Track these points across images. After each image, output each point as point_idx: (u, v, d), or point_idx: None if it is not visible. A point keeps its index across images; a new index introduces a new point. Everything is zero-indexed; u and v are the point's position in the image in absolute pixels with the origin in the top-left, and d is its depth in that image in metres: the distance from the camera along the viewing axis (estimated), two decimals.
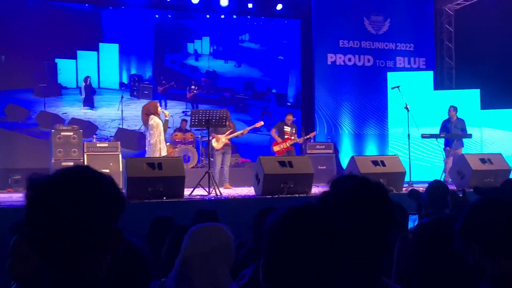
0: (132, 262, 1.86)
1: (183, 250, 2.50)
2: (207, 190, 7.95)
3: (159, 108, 9.16)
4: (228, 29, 14.15)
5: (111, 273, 1.49)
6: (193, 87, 14.11)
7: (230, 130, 9.88)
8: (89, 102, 13.21)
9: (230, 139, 10.04)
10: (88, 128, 12.41)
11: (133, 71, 13.77)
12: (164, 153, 8.99)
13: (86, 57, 13.23)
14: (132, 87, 13.65)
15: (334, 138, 13.73)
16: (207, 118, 8.05)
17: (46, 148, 11.06)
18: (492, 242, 1.80)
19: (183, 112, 13.62)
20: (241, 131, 10.10)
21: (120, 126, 12.80)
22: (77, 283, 1.31)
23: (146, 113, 8.94)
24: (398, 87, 10.08)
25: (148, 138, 8.98)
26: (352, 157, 8.50)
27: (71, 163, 10.31)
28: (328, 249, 1.42)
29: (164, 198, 7.21)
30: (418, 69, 14.48)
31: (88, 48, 13.22)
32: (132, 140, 12.69)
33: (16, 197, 8.72)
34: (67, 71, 12.94)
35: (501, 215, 1.84)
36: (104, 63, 13.40)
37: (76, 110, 12.93)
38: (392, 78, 13.34)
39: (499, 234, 1.80)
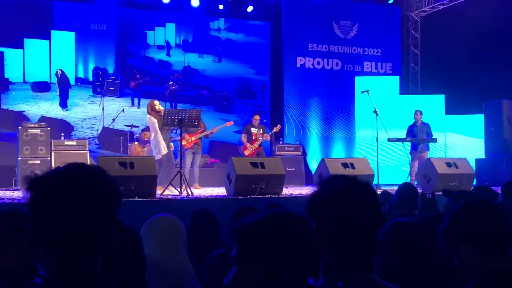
0: (129, 247, 1.90)
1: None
2: (179, 190, 7.94)
3: (157, 105, 8.92)
4: (200, 24, 14.15)
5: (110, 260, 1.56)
6: (171, 82, 13.93)
7: (200, 130, 9.91)
8: (64, 100, 12.99)
9: (199, 139, 10.07)
10: (60, 128, 12.16)
11: (92, 64, 13.39)
12: (164, 151, 8.81)
13: (35, 47, 12.80)
14: (94, 82, 13.32)
15: (302, 140, 13.87)
16: (180, 117, 8.05)
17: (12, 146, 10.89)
18: (479, 241, 1.90)
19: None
20: (210, 131, 10.13)
21: (99, 127, 12.71)
22: (80, 274, 1.36)
23: (148, 113, 8.88)
24: (367, 91, 10.27)
25: (151, 138, 8.90)
26: (322, 159, 8.63)
27: (38, 161, 10.18)
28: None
29: (136, 197, 7.18)
30: (385, 74, 14.77)
31: (38, 36, 12.73)
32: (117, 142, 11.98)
33: None
34: (13, 62, 12.53)
35: (486, 215, 1.95)
36: (57, 53, 13.12)
37: (34, 108, 12.72)
38: (360, 82, 13.57)
39: (485, 234, 1.90)
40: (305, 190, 9.49)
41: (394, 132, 11.90)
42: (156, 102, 9.04)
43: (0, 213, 2.30)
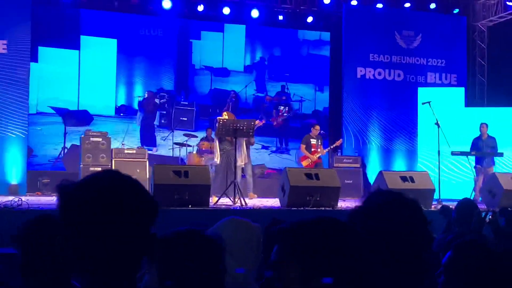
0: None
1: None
2: (232, 199, 7.92)
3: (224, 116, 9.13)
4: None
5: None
6: (282, 108, 14.11)
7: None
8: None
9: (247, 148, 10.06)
10: None
11: (140, 86, 13.80)
12: (217, 160, 9.01)
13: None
14: (154, 108, 13.77)
15: (362, 152, 13.60)
16: (234, 127, 8.04)
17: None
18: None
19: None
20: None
21: None
22: None
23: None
24: (429, 102, 9.95)
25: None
26: (380, 172, 8.40)
27: (99, 169, 10.39)
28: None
29: (190, 206, 7.21)
30: (449, 85, 14.29)
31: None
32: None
33: (44, 200, 8.83)
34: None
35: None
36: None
37: None
38: (423, 93, 13.18)
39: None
40: None
41: (458, 145, 11.46)
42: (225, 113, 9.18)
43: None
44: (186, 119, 13.58)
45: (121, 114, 13.43)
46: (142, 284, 1.56)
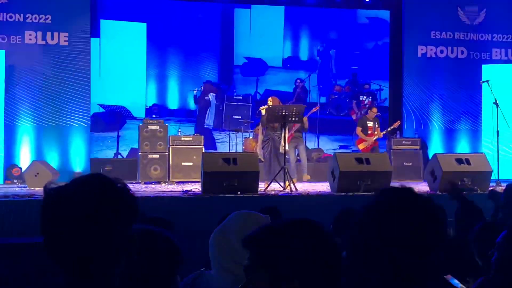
0: (159, 252, 1.85)
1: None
2: (282, 185, 7.92)
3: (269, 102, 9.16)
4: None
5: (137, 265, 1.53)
6: (363, 98, 13.88)
7: (294, 124, 9.72)
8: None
9: (297, 131, 9.98)
10: None
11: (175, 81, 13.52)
12: (258, 150, 9.11)
13: None
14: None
15: (423, 133, 13.22)
16: (283, 113, 8.01)
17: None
18: None
19: None
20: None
21: None
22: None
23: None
24: (487, 81, 9.53)
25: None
26: (435, 155, 8.16)
27: (157, 156, 10.67)
28: None
29: (239, 192, 7.28)
30: None
31: None
32: None
33: None
34: None
35: None
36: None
37: None
38: (488, 70, 12.62)
39: None
40: (421, 186, 9.03)
41: None
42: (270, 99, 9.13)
43: None
44: (240, 117, 12.72)
45: (153, 116, 12.79)
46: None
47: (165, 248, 1.86)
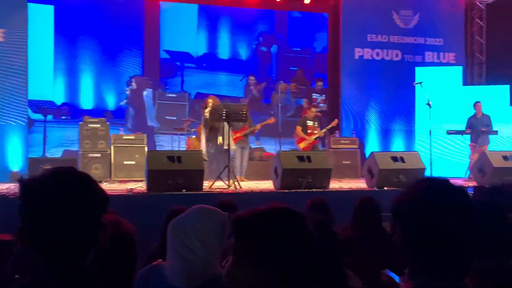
0: (120, 240, 1.95)
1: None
2: (227, 183, 8.05)
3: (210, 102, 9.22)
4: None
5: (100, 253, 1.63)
6: (316, 96, 13.81)
7: (245, 126, 9.97)
8: None
9: (246, 135, 10.16)
10: None
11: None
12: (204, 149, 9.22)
13: None
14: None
15: (361, 133, 13.67)
16: (227, 113, 8.15)
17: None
18: None
19: None
20: (253, 128, 10.20)
21: None
22: (68, 274, 1.44)
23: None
24: (420, 83, 10.01)
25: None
26: (372, 153, 8.52)
27: (98, 155, 10.56)
28: None
29: (184, 190, 7.35)
30: (448, 64, 14.28)
31: None
32: None
33: None
34: None
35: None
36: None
37: None
38: (420, 73, 13.20)
39: None
40: (359, 184, 9.38)
41: (457, 124, 11.53)
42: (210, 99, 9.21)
43: None
44: (175, 118, 12.33)
45: (63, 118, 12.21)
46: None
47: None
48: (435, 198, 1.56)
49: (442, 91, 12.64)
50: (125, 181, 10.14)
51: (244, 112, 8.26)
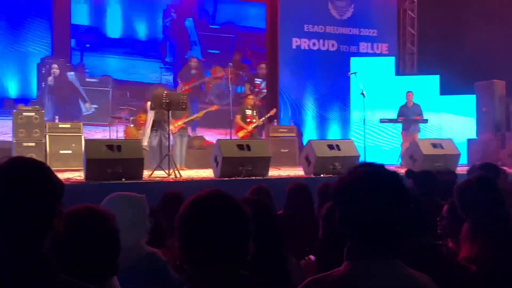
0: (100, 229, 2.00)
1: None
2: (167, 172, 8.09)
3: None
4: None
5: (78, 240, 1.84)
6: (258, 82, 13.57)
7: (185, 114, 10.05)
8: None
9: (186, 123, 10.23)
10: None
11: None
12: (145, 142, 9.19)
13: None
14: None
15: (298, 121, 13.95)
16: (167, 101, 8.16)
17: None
18: None
19: None
20: (196, 115, 10.29)
21: None
22: (25, 259, 1.51)
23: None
24: (355, 73, 10.35)
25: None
26: (309, 141, 8.74)
27: (33, 144, 10.32)
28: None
29: (123, 179, 7.33)
30: (381, 54, 14.76)
31: None
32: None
33: None
34: None
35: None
36: None
37: None
38: (355, 63, 13.59)
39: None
40: (297, 171, 9.60)
41: (390, 113, 11.98)
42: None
43: None
44: (93, 110, 12.20)
45: None
46: None
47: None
48: (370, 181, 1.69)
49: (376, 81, 13.07)
50: (62, 171, 9.96)
51: (184, 101, 8.29)
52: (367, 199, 1.66)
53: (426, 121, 11.30)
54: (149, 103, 8.80)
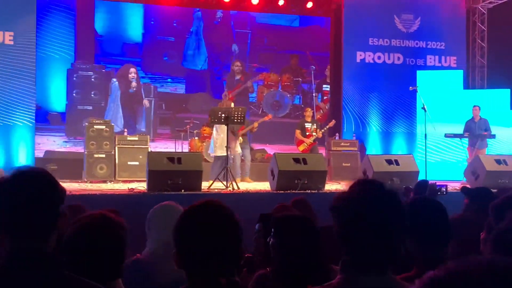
0: (108, 235, 2.20)
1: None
2: (225, 184, 8.28)
3: None
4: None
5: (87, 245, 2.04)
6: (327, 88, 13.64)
7: (242, 126, 10.17)
8: None
9: (245, 135, 10.38)
10: None
11: None
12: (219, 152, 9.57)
13: None
14: None
15: (362, 135, 13.86)
16: (226, 115, 8.38)
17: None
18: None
19: None
20: (251, 126, 10.41)
21: None
22: (31, 254, 1.71)
23: None
24: (416, 87, 10.20)
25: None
26: (366, 156, 8.73)
27: (103, 155, 10.82)
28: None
29: (182, 190, 7.59)
30: (449, 67, 14.44)
31: None
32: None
33: None
34: None
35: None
36: None
37: None
38: (422, 76, 13.38)
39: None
40: None
41: (457, 127, 11.70)
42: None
43: None
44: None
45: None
46: None
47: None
48: (367, 197, 1.75)
49: (442, 94, 12.81)
50: (128, 181, 10.39)
51: (242, 115, 8.48)
52: (362, 215, 1.72)
53: (493, 136, 10.96)
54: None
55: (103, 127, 11.03)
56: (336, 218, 1.79)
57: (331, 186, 8.48)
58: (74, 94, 12.87)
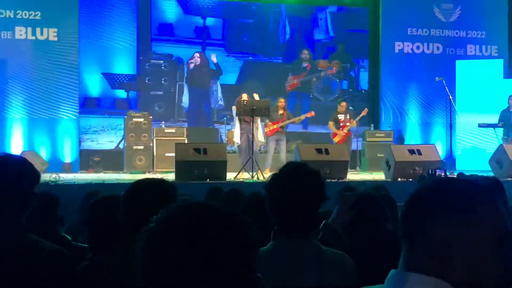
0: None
1: None
2: (251, 174, 8.55)
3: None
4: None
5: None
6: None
7: (282, 118, 10.35)
8: None
9: (283, 127, 10.52)
10: None
11: None
12: (238, 140, 9.78)
13: None
14: None
15: (400, 126, 13.82)
16: (251, 107, 8.64)
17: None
18: None
19: None
20: (292, 120, 10.55)
21: None
22: (7, 227, 2.03)
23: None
24: (442, 78, 10.16)
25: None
26: (389, 146, 8.79)
27: (142, 147, 11.28)
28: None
29: (208, 180, 7.91)
30: (490, 57, 14.17)
31: None
32: None
33: (91, 177, 10.01)
34: None
35: None
36: None
37: None
38: (461, 66, 13.21)
39: None
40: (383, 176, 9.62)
41: (494, 117, 11.52)
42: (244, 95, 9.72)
43: None
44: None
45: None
46: None
47: None
48: (291, 176, 2.11)
49: (482, 84, 12.63)
50: (166, 172, 10.78)
51: (267, 108, 8.72)
52: (287, 190, 2.08)
53: None
54: (234, 108, 9.32)
55: (142, 120, 11.49)
56: (268, 194, 2.13)
57: (353, 176, 8.58)
58: (146, 81, 13.35)
